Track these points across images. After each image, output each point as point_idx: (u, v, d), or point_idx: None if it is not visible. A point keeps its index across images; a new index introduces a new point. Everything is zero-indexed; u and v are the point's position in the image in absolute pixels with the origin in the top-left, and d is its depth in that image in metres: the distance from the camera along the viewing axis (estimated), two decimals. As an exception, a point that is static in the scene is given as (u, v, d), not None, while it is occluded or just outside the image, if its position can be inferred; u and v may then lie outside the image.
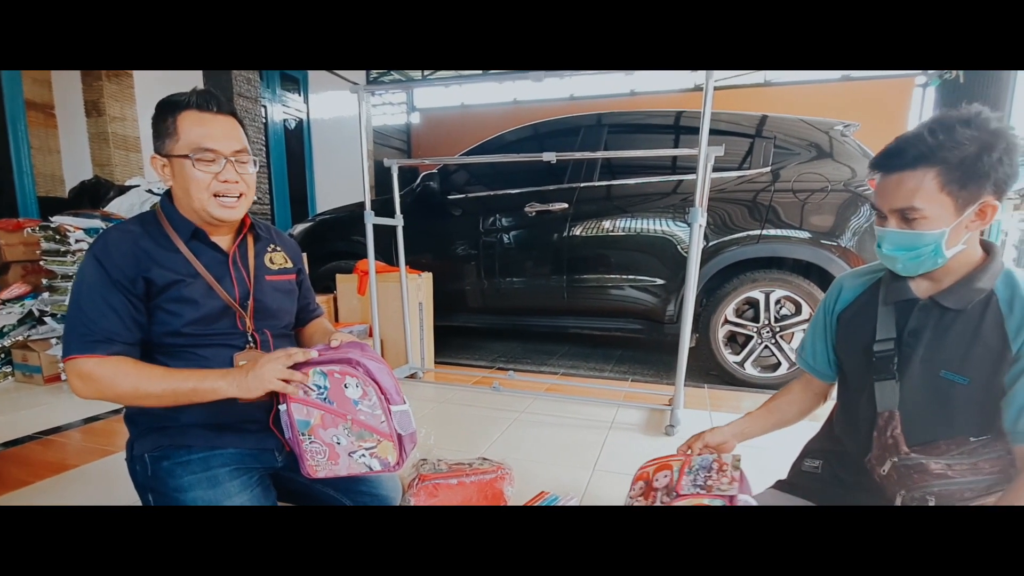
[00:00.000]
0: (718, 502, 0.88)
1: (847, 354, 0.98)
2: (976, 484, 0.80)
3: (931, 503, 0.82)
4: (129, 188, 3.14)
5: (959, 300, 0.82)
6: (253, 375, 0.91)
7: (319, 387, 0.95)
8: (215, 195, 0.97)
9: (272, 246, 1.14)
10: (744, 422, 1.10)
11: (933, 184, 0.76)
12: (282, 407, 0.97)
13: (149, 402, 0.92)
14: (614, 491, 1.52)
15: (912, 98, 6.12)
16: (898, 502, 0.84)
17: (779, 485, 1.08)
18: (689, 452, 1.06)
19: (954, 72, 5.11)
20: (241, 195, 1.00)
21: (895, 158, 0.80)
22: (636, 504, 1.03)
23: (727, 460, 1.01)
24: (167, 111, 0.96)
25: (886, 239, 0.83)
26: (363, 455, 0.97)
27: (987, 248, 0.85)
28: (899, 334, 0.88)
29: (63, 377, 2.53)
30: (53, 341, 2.52)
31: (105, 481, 1.56)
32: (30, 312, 2.58)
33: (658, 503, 0.97)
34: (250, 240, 1.09)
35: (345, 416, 0.95)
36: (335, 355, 0.95)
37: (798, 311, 2.54)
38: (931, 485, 0.81)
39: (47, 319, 2.54)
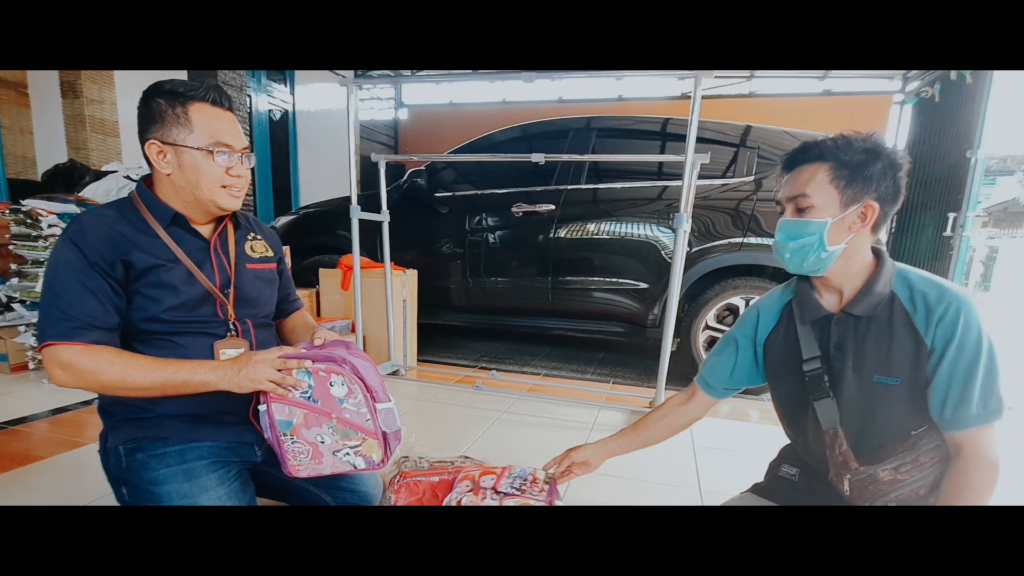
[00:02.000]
0: (540, 503, 1.11)
1: (782, 378, 0.99)
2: (924, 480, 0.84)
3: None
4: (106, 173, 3.06)
5: (866, 307, 0.88)
6: (245, 374, 0.89)
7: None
8: (223, 186, 0.97)
9: (252, 234, 1.12)
10: (610, 441, 1.16)
11: (824, 176, 0.86)
12: (262, 407, 0.95)
13: (135, 393, 0.89)
14: (594, 491, 1.54)
15: (890, 115, 6.30)
16: None
17: (755, 489, 1.10)
18: (557, 467, 1.18)
19: (930, 91, 5.27)
20: (242, 187, 1.01)
21: (799, 154, 0.90)
22: (464, 499, 1.17)
23: (540, 476, 1.23)
24: (173, 99, 0.93)
25: (780, 228, 0.91)
26: (348, 453, 0.96)
27: (876, 253, 0.90)
28: (825, 350, 0.92)
29: (31, 366, 2.45)
30: (21, 328, 2.43)
31: (74, 473, 1.51)
32: (-3, 298, 2.49)
33: (487, 500, 1.15)
34: (230, 228, 1.08)
35: (330, 415, 0.94)
36: (320, 353, 0.94)
37: (776, 318, 2.59)
38: (887, 493, 0.85)
39: (15, 305, 2.45)
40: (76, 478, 1.48)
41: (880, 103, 6.32)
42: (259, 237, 1.13)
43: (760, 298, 1.06)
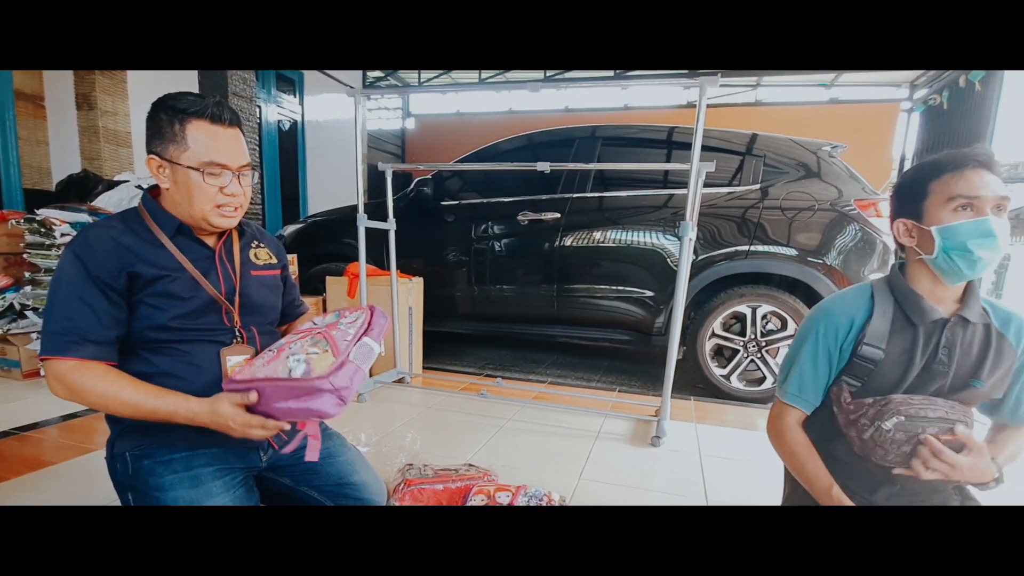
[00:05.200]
0: None
1: (864, 374, 0.95)
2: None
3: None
4: (118, 183, 3.11)
5: (976, 312, 0.92)
6: (219, 426, 0.89)
7: (324, 321, 0.98)
8: (217, 206, 0.97)
9: (256, 242, 1.14)
10: (825, 473, 1.00)
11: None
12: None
13: (122, 415, 0.91)
14: (600, 500, 1.53)
15: (897, 122, 6.27)
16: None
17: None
18: None
19: (938, 98, 5.25)
20: (239, 206, 1.01)
21: (988, 157, 0.87)
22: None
23: (555, 498, 1.28)
24: (173, 115, 0.93)
25: (995, 227, 0.85)
26: (299, 358, 0.88)
27: None
28: (931, 351, 0.93)
29: (42, 372, 2.48)
30: (33, 336, 2.47)
31: (83, 479, 1.53)
32: (10, 305, 2.53)
33: None
34: (235, 236, 1.09)
35: (318, 330, 0.93)
36: (360, 306, 1.01)
37: (784, 327, 2.58)
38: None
39: (28, 313, 2.49)
40: (85, 483, 1.50)
41: (887, 111, 6.29)
42: (262, 245, 1.15)
43: (841, 303, 1.00)
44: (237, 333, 1.03)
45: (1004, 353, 0.91)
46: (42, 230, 2.45)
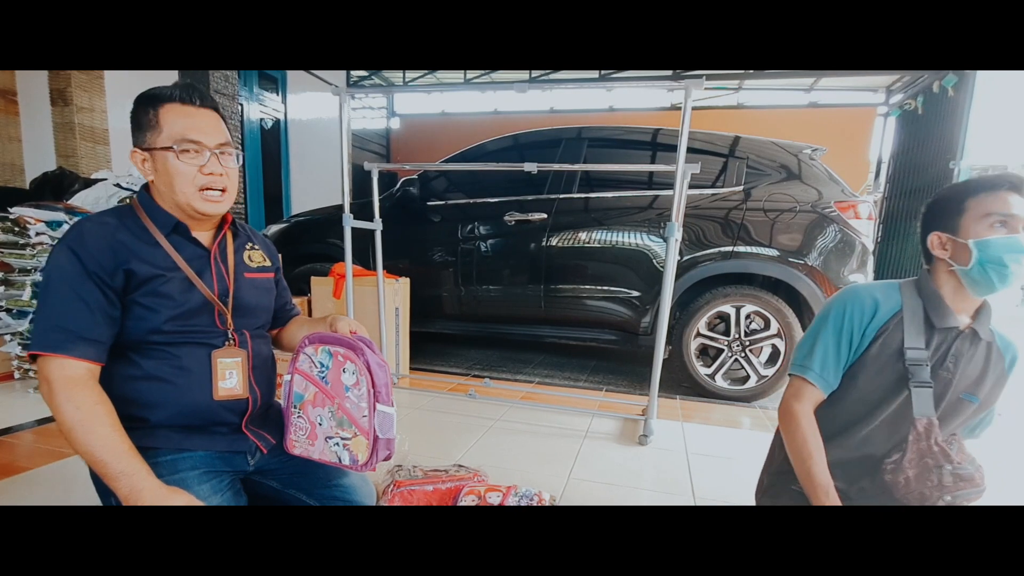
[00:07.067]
0: None
1: (879, 367, 0.99)
2: (984, 488, 0.93)
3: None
4: (96, 181, 3.03)
5: (986, 331, 0.97)
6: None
7: (323, 364, 0.99)
8: (200, 189, 0.95)
9: (250, 244, 1.12)
10: (826, 472, 1.00)
11: None
12: (287, 377, 1.03)
13: (72, 443, 0.85)
14: (589, 499, 1.54)
15: (874, 126, 6.43)
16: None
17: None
18: None
19: (913, 103, 5.39)
20: (225, 189, 0.99)
21: (1021, 180, 0.93)
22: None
23: (545, 497, 1.31)
24: (148, 104, 0.94)
25: (1021, 245, 0.90)
26: (337, 443, 0.99)
27: None
28: (939, 358, 0.97)
29: (16, 375, 2.41)
30: (7, 337, 2.40)
31: (61, 484, 1.49)
32: (-18, 307, 2.45)
33: None
34: (229, 236, 1.08)
35: (333, 399, 0.98)
36: (344, 338, 1.00)
37: (767, 326, 2.62)
38: (970, 492, 0.91)
39: (1, 314, 2.41)
40: (63, 489, 1.46)
41: (864, 115, 6.45)
42: (256, 247, 1.13)
43: (869, 288, 1.03)
44: (229, 336, 1.01)
45: (999, 375, 0.97)
46: (16, 229, 2.38)
